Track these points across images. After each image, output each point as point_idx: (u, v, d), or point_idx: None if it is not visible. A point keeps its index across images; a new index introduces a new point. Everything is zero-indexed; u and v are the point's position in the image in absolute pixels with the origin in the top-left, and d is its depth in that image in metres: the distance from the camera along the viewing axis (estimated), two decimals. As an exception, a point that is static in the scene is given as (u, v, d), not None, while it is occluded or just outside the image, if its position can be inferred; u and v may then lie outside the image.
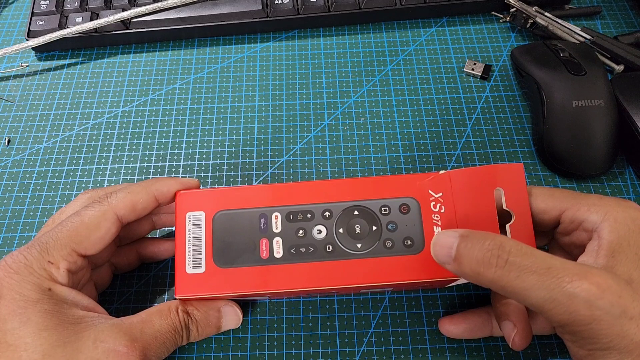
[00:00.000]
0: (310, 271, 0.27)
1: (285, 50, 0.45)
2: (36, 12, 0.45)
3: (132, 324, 0.27)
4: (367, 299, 0.33)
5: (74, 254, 0.27)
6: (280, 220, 0.28)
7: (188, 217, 0.28)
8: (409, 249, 0.27)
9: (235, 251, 0.27)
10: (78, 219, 0.28)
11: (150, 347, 0.26)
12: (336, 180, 0.29)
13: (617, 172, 0.38)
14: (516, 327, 0.28)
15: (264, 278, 0.27)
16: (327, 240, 0.28)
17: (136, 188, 0.29)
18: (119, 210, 0.28)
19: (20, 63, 0.45)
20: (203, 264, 0.27)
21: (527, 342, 0.28)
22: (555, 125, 0.37)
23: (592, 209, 0.25)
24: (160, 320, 0.27)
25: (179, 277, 0.27)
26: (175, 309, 0.28)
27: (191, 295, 0.27)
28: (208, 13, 0.44)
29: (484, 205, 0.27)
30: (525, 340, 0.28)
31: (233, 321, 0.30)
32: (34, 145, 0.41)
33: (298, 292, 0.29)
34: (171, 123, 0.41)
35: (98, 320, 0.26)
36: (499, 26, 0.46)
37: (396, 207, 0.28)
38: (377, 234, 0.28)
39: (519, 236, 0.27)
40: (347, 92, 0.42)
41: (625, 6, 0.46)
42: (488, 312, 0.31)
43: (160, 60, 0.45)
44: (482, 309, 0.31)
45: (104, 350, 0.25)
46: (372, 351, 0.32)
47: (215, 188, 0.31)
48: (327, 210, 0.28)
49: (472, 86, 0.42)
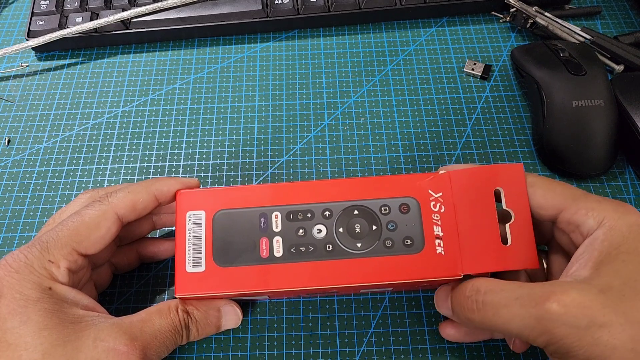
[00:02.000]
0: (310, 270, 0.27)
1: (285, 50, 0.45)
2: (36, 12, 0.45)
3: (132, 323, 0.27)
4: (367, 299, 0.33)
5: (74, 253, 0.27)
6: (280, 219, 0.28)
7: (188, 216, 0.28)
8: (408, 248, 0.27)
9: (236, 250, 0.27)
10: (79, 219, 0.28)
11: (150, 346, 0.26)
12: (336, 180, 0.29)
13: (617, 172, 0.38)
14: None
15: (264, 277, 0.27)
16: (327, 239, 0.28)
17: (136, 188, 0.29)
18: (119, 210, 0.28)
19: (20, 63, 0.45)
20: (203, 263, 0.27)
21: (527, 345, 0.28)
22: (555, 125, 0.37)
23: (590, 213, 0.25)
24: (160, 320, 0.27)
25: (179, 276, 0.27)
26: (175, 308, 0.28)
27: (191, 294, 0.27)
28: (208, 13, 0.44)
29: (483, 205, 0.27)
30: (525, 344, 0.28)
31: (233, 321, 0.30)
32: (34, 145, 0.41)
33: (298, 292, 0.29)
34: (171, 123, 0.41)
35: (98, 320, 0.26)
36: (499, 26, 0.46)
37: (396, 207, 0.28)
38: (377, 233, 0.28)
39: (519, 236, 0.27)
40: (347, 92, 0.42)
41: (625, 6, 0.46)
42: None
43: (160, 60, 0.45)
44: None
45: (104, 349, 0.25)
46: (372, 351, 0.32)
47: (216, 187, 0.31)
48: (327, 210, 0.28)
49: (472, 86, 0.42)
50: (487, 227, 0.27)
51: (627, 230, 0.24)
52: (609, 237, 0.24)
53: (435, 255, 0.27)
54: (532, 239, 0.27)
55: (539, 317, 0.22)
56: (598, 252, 0.24)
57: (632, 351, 0.21)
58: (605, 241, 0.24)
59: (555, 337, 0.22)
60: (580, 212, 0.25)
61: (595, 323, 0.22)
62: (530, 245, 0.27)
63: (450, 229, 0.27)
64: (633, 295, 0.22)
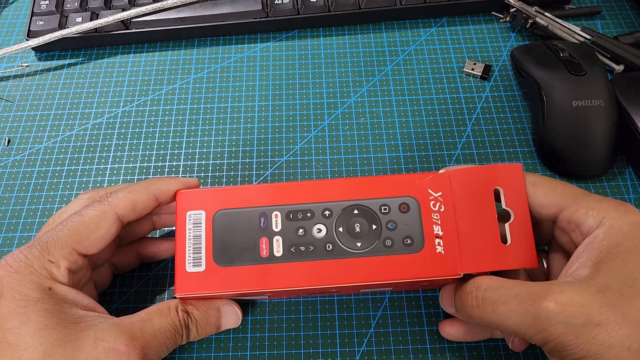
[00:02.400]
0: (310, 270, 0.27)
1: (285, 50, 0.45)
2: (36, 12, 0.45)
3: (132, 323, 0.27)
4: (367, 299, 0.33)
5: (74, 253, 0.27)
6: (280, 219, 0.28)
7: (188, 215, 0.28)
8: (408, 247, 0.27)
9: (235, 250, 0.27)
10: (79, 219, 0.28)
11: (151, 346, 0.26)
12: (336, 180, 0.29)
13: (617, 172, 0.38)
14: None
15: (263, 277, 0.27)
16: (327, 239, 0.28)
17: (136, 187, 0.29)
18: (119, 210, 0.28)
19: (20, 63, 0.45)
20: (203, 262, 0.27)
21: (526, 344, 0.28)
22: (555, 125, 0.37)
23: (590, 212, 0.25)
24: (160, 320, 0.27)
25: (178, 275, 0.27)
26: (175, 308, 0.28)
27: (191, 293, 0.27)
28: (208, 13, 0.44)
29: (483, 205, 0.27)
30: (524, 343, 0.28)
31: (233, 321, 0.30)
32: (34, 145, 0.41)
33: (298, 292, 0.29)
34: (171, 123, 0.41)
35: (98, 320, 0.26)
36: (499, 26, 0.46)
37: (396, 206, 0.28)
38: (376, 233, 0.28)
39: (519, 235, 0.27)
40: (347, 92, 0.42)
41: (625, 6, 0.46)
42: None
43: (160, 60, 0.45)
44: None
45: (104, 349, 0.25)
46: (372, 351, 0.32)
47: (216, 187, 0.31)
48: (327, 209, 0.28)
49: (472, 86, 0.42)
50: (487, 227, 0.27)
51: (628, 229, 0.24)
52: (609, 236, 0.24)
53: (435, 254, 0.27)
54: (532, 238, 0.27)
55: (536, 315, 0.23)
56: (597, 251, 0.24)
57: (629, 350, 0.22)
58: (604, 240, 0.24)
59: (552, 335, 0.22)
60: (580, 211, 0.25)
61: (591, 322, 0.22)
62: (530, 244, 0.27)
63: (450, 228, 0.27)
64: (632, 294, 0.22)
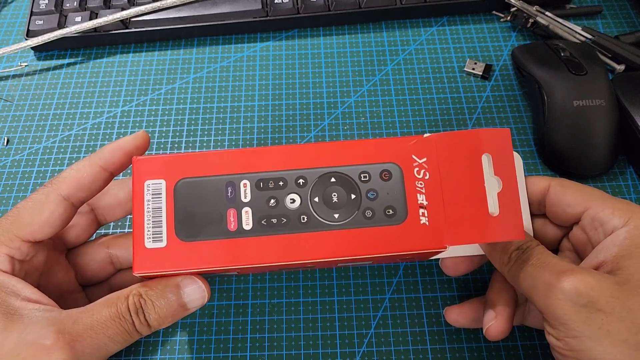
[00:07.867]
0: (283, 244, 0.25)
1: (285, 50, 0.45)
2: (35, 11, 0.45)
3: (68, 315, 0.25)
4: (367, 300, 0.33)
5: (16, 239, 0.26)
6: (250, 188, 0.26)
7: (146, 185, 0.25)
8: (390, 219, 0.25)
9: (200, 223, 0.25)
10: (22, 204, 0.27)
11: (83, 338, 0.24)
12: (311, 145, 0.26)
13: (618, 172, 0.38)
14: (496, 318, 0.28)
15: (232, 252, 0.25)
16: (302, 210, 0.25)
17: (79, 163, 0.27)
18: (62, 190, 0.26)
19: (19, 63, 0.45)
20: (164, 237, 0.25)
21: (500, 335, 0.28)
22: (556, 125, 0.36)
23: (616, 212, 0.26)
24: (104, 309, 0.25)
25: (137, 252, 0.25)
26: (127, 295, 0.25)
27: (151, 272, 0.25)
28: (207, 12, 0.44)
29: (471, 172, 0.25)
30: (498, 333, 0.28)
31: (197, 296, 0.26)
32: (32, 145, 0.40)
33: (270, 267, 0.27)
34: (170, 123, 0.41)
35: (35, 312, 0.25)
36: (500, 25, 0.46)
37: (377, 174, 0.26)
38: (356, 203, 0.26)
39: (507, 205, 0.25)
40: (347, 92, 0.42)
41: (626, 5, 0.46)
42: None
43: (159, 60, 0.45)
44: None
45: (25, 342, 0.24)
46: (372, 352, 0.32)
47: (177, 153, 0.28)
48: (301, 178, 0.26)
49: (472, 86, 0.42)
50: (475, 196, 0.25)
51: None
52: (633, 235, 0.25)
53: (419, 225, 0.25)
54: (519, 209, 0.25)
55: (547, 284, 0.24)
56: (618, 248, 0.25)
57: (625, 342, 0.22)
58: (627, 239, 0.25)
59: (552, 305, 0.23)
60: (606, 210, 0.26)
61: (594, 305, 0.23)
62: (517, 215, 0.25)
63: (435, 198, 0.25)
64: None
